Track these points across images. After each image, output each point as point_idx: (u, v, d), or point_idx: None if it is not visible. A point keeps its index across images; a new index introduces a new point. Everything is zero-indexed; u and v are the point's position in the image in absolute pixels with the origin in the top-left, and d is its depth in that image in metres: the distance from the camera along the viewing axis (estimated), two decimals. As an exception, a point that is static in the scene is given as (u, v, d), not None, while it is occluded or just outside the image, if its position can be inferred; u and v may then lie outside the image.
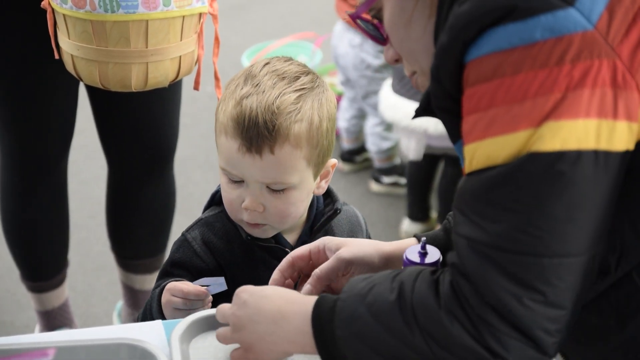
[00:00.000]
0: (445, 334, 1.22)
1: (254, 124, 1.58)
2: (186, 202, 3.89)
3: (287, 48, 4.51)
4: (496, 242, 1.19)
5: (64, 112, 2.52)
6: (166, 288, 1.63)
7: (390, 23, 1.36)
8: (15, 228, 2.71)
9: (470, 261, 1.21)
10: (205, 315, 1.56)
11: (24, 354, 1.15)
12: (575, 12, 1.17)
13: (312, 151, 1.63)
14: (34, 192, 2.63)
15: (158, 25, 2.08)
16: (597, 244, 1.22)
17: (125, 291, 2.97)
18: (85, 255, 3.55)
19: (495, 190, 1.20)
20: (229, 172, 1.64)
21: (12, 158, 2.58)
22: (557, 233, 1.18)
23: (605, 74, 1.17)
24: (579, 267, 1.20)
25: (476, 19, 1.20)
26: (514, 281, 1.19)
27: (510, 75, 1.19)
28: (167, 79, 2.17)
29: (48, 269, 2.80)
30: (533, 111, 1.18)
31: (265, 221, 1.67)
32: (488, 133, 1.20)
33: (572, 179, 1.17)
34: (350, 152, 4.27)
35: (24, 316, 3.25)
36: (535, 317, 1.19)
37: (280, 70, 1.64)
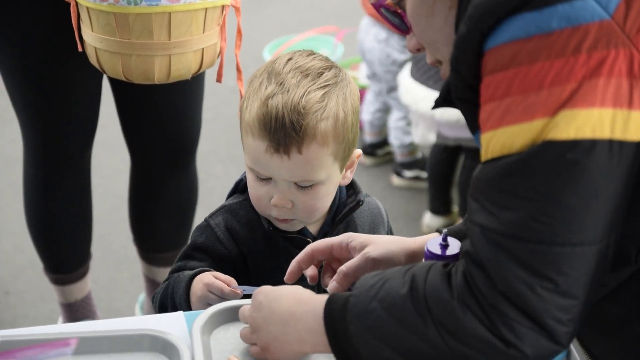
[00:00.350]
0: (458, 325, 1.22)
1: (281, 126, 1.58)
2: (207, 196, 3.90)
3: (309, 42, 4.50)
4: (509, 230, 1.19)
5: (86, 105, 2.53)
6: (203, 282, 1.62)
7: (412, 13, 1.37)
8: (39, 221, 2.73)
9: (483, 249, 1.21)
10: (226, 306, 1.56)
11: (47, 344, 1.15)
12: (592, 2, 1.17)
13: (338, 147, 1.64)
14: (57, 185, 2.65)
15: (181, 18, 2.09)
16: (610, 233, 1.21)
17: (148, 284, 2.98)
18: (108, 249, 3.57)
19: (510, 179, 1.20)
20: (256, 171, 1.65)
21: (35, 152, 2.60)
22: (570, 221, 1.18)
23: (622, 63, 1.17)
24: (591, 257, 1.19)
25: (494, 8, 1.20)
26: (527, 269, 1.19)
27: (526, 64, 1.19)
28: (190, 71, 2.17)
29: (71, 261, 2.82)
30: (549, 100, 1.18)
31: (294, 216, 1.68)
32: (504, 122, 1.21)
33: (586, 167, 1.17)
34: (373, 146, 4.27)
35: (46, 309, 3.27)
36: (548, 305, 1.19)
37: (304, 66, 1.64)
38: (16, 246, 3.61)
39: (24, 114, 2.53)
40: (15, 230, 3.68)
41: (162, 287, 1.72)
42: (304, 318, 1.37)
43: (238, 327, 1.54)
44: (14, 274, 3.46)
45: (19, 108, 2.52)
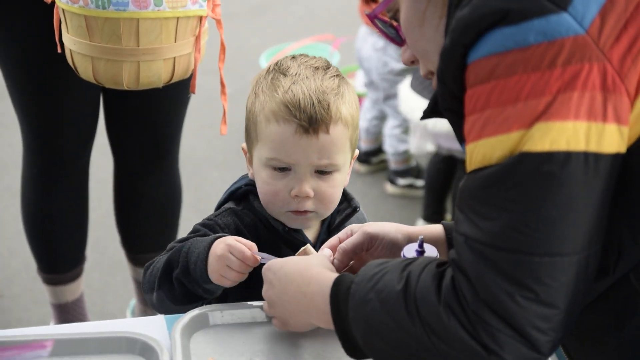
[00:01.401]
0: (443, 327, 1.24)
1: (309, 104, 1.61)
2: (202, 202, 3.92)
3: (306, 50, 4.52)
4: (491, 240, 1.22)
5: (84, 107, 2.56)
6: (226, 242, 1.60)
7: (405, 23, 1.39)
8: (35, 220, 2.75)
9: (467, 258, 1.24)
10: (205, 310, 1.58)
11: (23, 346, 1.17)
12: (567, 17, 1.19)
13: (353, 133, 1.69)
14: (54, 185, 2.67)
15: (149, 25, 2.09)
16: (592, 244, 1.23)
17: (137, 287, 3.01)
18: (101, 253, 3.58)
19: (490, 189, 1.22)
20: (279, 160, 1.65)
21: (32, 152, 2.62)
22: (548, 232, 1.20)
23: (596, 77, 1.19)
24: (571, 267, 1.21)
25: (474, 22, 1.23)
26: (507, 279, 1.21)
27: (504, 77, 1.21)
28: (160, 79, 2.18)
29: (65, 262, 2.84)
30: (525, 113, 1.20)
31: (313, 207, 1.69)
32: (483, 133, 1.23)
33: (561, 179, 1.19)
34: (367, 154, 4.29)
35: (39, 312, 3.28)
36: (528, 315, 1.21)
37: (309, 62, 1.70)
38: (11, 250, 3.62)
39: (24, 114, 2.55)
40: (10, 234, 3.70)
41: (170, 252, 1.69)
42: (314, 299, 1.42)
43: (218, 331, 1.57)
44: (8, 278, 3.48)
45: (19, 108, 2.55)
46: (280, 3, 5.93)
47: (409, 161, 4.13)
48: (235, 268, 1.58)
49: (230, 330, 1.57)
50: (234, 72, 2.15)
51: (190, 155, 4.30)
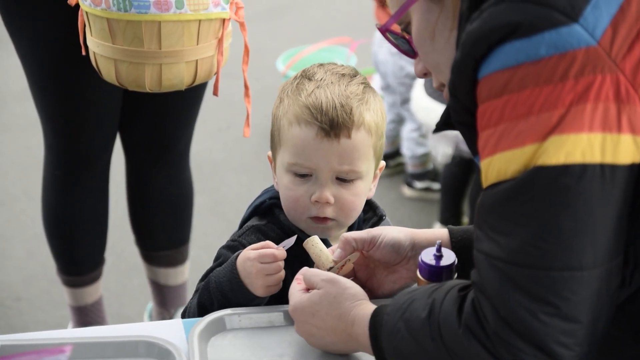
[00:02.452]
0: (465, 350, 1.25)
1: (332, 107, 1.62)
2: (219, 205, 3.93)
3: (322, 53, 4.52)
4: (510, 256, 1.21)
5: (107, 108, 2.57)
6: (250, 259, 1.60)
7: (416, 36, 1.39)
8: (56, 221, 2.76)
9: (487, 277, 1.24)
10: (223, 314, 1.58)
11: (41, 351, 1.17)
12: (579, 28, 1.19)
13: (377, 142, 1.68)
14: (75, 187, 2.69)
15: (171, 28, 2.10)
16: (612, 257, 1.22)
17: (153, 288, 3.02)
18: (119, 256, 3.59)
19: (506, 205, 1.22)
20: (300, 164, 1.66)
21: (54, 152, 2.64)
22: (566, 246, 1.19)
23: (609, 88, 1.19)
24: (592, 281, 1.20)
25: (484, 36, 1.22)
26: (528, 295, 1.20)
27: (517, 91, 1.21)
28: (183, 82, 2.18)
29: (85, 264, 2.85)
30: (538, 126, 1.20)
31: (334, 214, 1.68)
32: (498, 148, 1.23)
33: (577, 192, 1.18)
34: (385, 157, 4.26)
35: (57, 315, 3.29)
36: (551, 331, 1.20)
37: (336, 69, 1.70)
38: (29, 252, 3.64)
39: (47, 115, 2.57)
40: (28, 236, 3.71)
41: (198, 294, 1.68)
42: (359, 340, 1.43)
43: (236, 335, 1.56)
44: (26, 280, 3.49)
45: (41, 109, 2.57)
46: (298, 6, 5.93)
47: (426, 164, 4.12)
48: (274, 272, 1.59)
49: (248, 335, 1.57)
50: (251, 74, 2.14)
51: (208, 157, 4.30)
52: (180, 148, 2.79)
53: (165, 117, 2.68)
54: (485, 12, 1.23)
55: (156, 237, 2.92)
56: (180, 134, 2.74)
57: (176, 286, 3.00)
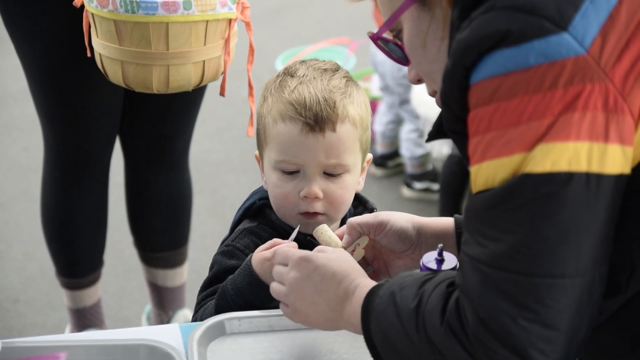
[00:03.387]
0: (446, 347, 1.25)
1: (315, 102, 1.63)
2: (219, 205, 3.91)
3: (322, 53, 4.51)
4: (494, 261, 1.21)
5: (107, 110, 2.57)
6: (265, 258, 1.58)
7: (408, 44, 1.39)
8: (55, 223, 2.75)
9: (470, 279, 1.23)
10: (222, 318, 1.57)
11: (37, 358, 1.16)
12: (568, 37, 1.18)
13: (362, 134, 1.69)
14: (75, 187, 2.68)
15: (179, 29, 2.10)
16: (596, 266, 1.21)
17: (151, 289, 3.01)
18: (117, 258, 3.58)
19: (493, 211, 1.22)
20: (287, 161, 1.67)
21: (54, 154, 2.63)
22: (549, 253, 1.19)
23: (597, 98, 1.18)
24: (574, 289, 1.20)
25: (474, 44, 1.22)
26: (509, 300, 1.20)
27: (506, 99, 1.21)
28: (190, 83, 2.18)
29: (84, 266, 2.84)
30: (527, 135, 1.19)
31: (323, 209, 1.69)
32: (486, 156, 1.23)
33: (563, 200, 1.18)
34: (383, 157, 4.27)
35: (55, 317, 3.28)
36: (529, 336, 1.20)
37: (317, 65, 1.72)
38: (27, 254, 3.63)
39: (46, 117, 2.56)
40: (26, 238, 3.70)
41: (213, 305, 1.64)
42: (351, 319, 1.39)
43: (235, 339, 1.55)
44: (24, 282, 3.48)
45: (42, 110, 2.56)
46: (297, 6, 5.92)
47: (426, 165, 4.12)
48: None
49: (248, 339, 1.56)
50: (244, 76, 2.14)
51: (207, 158, 4.29)
52: (180, 149, 2.78)
53: (165, 118, 2.67)
54: (475, 21, 1.23)
55: (155, 238, 2.91)
56: (180, 134, 2.73)
57: (175, 288, 2.99)
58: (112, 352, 1.48)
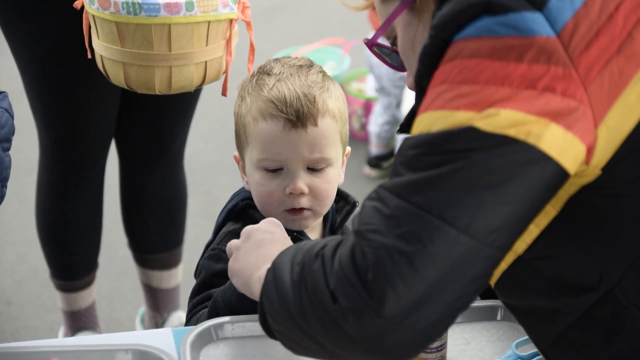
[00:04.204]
0: (310, 276, 1.21)
1: (295, 98, 1.64)
2: (212, 206, 3.90)
3: (316, 53, 4.51)
4: (396, 187, 1.19)
5: (105, 112, 2.56)
6: None
7: (402, 50, 1.41)
8: (50, 225, 2.74)
9: (365, 204, 1.22)
10: (216, 323, 1.56)
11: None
12: (541, 17, 1.20)
13: (342, 127, 1.71)
14: (71, 191, 2.67)
15: (181, 30, 2.09)
16: (492, 238, 1.17)
17: (145, 291, 2.99)
18: (111, 259, 3.56)
19: (418, 149, 1.20)
20: (270, 159, 1.67)
21: (50, 156, 2.62)
22: (452, 199, 1.16)
23: (558, 82, 1.18)
24: (456, 245, 1.15)
25: (454, 16, 1.23)
26: (391, 227, 1.17)
27: (467, 58, 1.21)
28: (192, 83, 2.18)
29: (79, 268, 2.82)
30: (479, 96, 1.19)
31: (309, 204, 1.69)
32: (431, 106, 1.22)
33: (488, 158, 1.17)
34: (378, 158, 4.26)
35: (48, 320, 3.26)
36: (392, 269, 1.15)
37: (292, 62, 1.73)
38: (19, 256, 3.61)
39: (42, 119, 2.55)
40: (19, 240, 3.68)
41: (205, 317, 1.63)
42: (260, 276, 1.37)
43: (228, 344, 1.54)
44: (17, 285, 3.46)
45: (38, 112, 2.55)
46: (291, 6, 5.91)
47: (421, 166, 4.10)
48: None
49: (240, 344, 1.55)
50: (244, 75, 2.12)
51: (201, 159, 4.28)
52: (175, 150, 2.77)
53: (160, 119, 2.66)
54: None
55: (150, 239, 2.90)
56: (175, 135, 2.72)
57: (169, 289, 2.98)
58: (104, 357, 1.46)
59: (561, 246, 1.30)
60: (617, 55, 1.21)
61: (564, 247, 1.30)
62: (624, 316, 1.27)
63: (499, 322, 1.64)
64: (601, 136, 1.21)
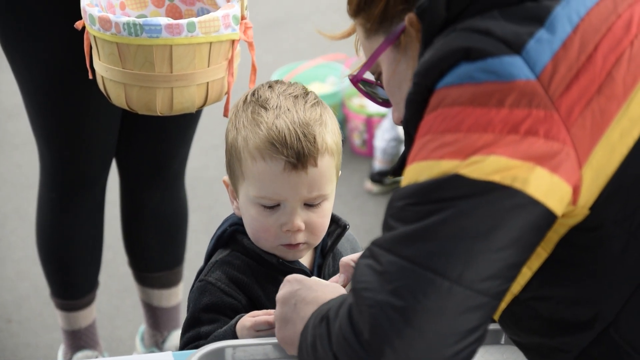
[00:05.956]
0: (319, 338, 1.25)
1: (295, 139, 1.60)
2: (213, 223, 3.86)
3: (318, 69, 4.50)
4: (387, 243, 1.20)
5: (106, 130, 2.55)
6: (246, 328, 1.59)
7: (386, 86, 1.41)
8: (50, 244, 2.73)
9: (359, 262, 1.22)
10: (217, 347, 1.54)
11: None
12: (520, 61, 1.20)
13: (337, 159, 1.68)
14: (71, 209, 2.66)
15: (182, 51, 2.08)
16: (487, 287, 1.17)
17: (145, 310, 2.98)
18: (111, 276, 3.55)
19: (406, 200, 1.21)
20: (268, 198, 1.64)
21: (51, 175, 2.61)
22: (441, 250, 1.16)
23: (540, 125, 1.18)
24: (450, 296, 1.15)
25: (436, 63, 1.24)
26: (384, 282, 1.17)
27: (449, 106, 1.21)
28: (194, 105, 2.17)
29: (79, 287, 2.81)
30: (462, 144, 1.19)
31: (305, 239, 1.68)
32: (417, 157, 1.23)
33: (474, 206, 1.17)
34: (381, 174, 4.24)
35: (49, 337, 3.25)
36: (388, 327, 1.15)
37: (287, 90, 1.68)
38: (19, 273, 3.59)
39: (43, 137, 2.54)
40: (18, 257, 3.67)
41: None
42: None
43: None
44: (17, 302, 3.44)
45: (38, 131, 2.54)
46: (293, 21, 5.90)
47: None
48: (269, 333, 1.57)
49: (243, 368, 1.53)
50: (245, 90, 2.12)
51: (202, 175, 4.26)
52: (176, 168, 2.76)
53: (161, 137, 2.65)
54: (437, 44, 1.25)
55: (150, 258, 2.89)
56: (176, 153, 2.71)
57: (170, 308, 2.97)
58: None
59: (555, 287, 1.30)
60: (597, 95, 1.21)
61: (558, 288, 1.30)
62: (620, 355, 1.27)
63: (502, 346, 1.62)
64: (586, 176, 1.21)
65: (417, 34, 1.33)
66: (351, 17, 1.46)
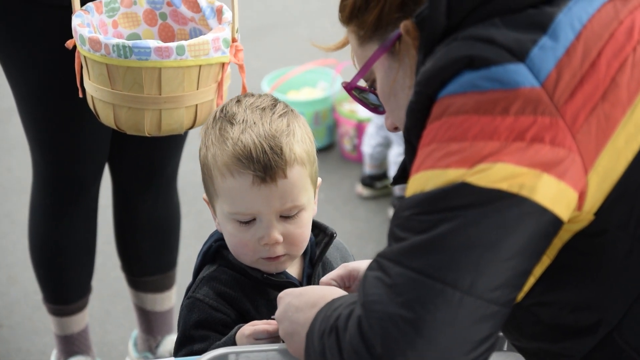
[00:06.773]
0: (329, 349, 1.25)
1: (262, 153, 1.59)
2: (204, 228, 3.87)
3: (308, 74, 4.50)
4: (396, 255, 1.20)
5: (99, 137, 2.55)
6: (245, 335, 1.60)
7: (381, 93, 1.41)
8: (43, 250, 2.73)
9: (367, 274, 1.23)
10: (220, 353, 1.54)
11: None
12: (524, 69, 1.20)
13: (311, 168, 1.67)
14: (64, 215, 2.66)
15: (172, 74, 2.08)
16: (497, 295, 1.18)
17: (138, 314, 2.98)
18: (102, 281, 3.54)
19: (413, 209, 1.21)
20: (242, 213, 1.63)
21: (44, 181, 2.61)
22: (451, 261, 1.17)
23: (546, 132, 1.19)
24: (461, 306, 1.16)
25: (437, 73, 1.24)
26: (394, 294, 1.18)
27: (454, 115, 1.21)
28: (182, 126, 2.18)
29: (72, 293, 2.81)
30: (468, 152, 1.19)
31: (285, 250, 1.67)
32: (422, 166, 1.23)
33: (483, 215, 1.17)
34: (372, 177, 4.25)
35: (40, 343, 3.23)
36: (400, 338, 1.16)
37: (255, 103, 1.67)
38: (10, 278, 3.58)
39: (36, 142, 2.54)
40: (10, 262, 3.65)
41: None
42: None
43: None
44: (8, 307, 3.43)
45: (32, 137, 2.54)
46: (283, 26, 5.90)
47: (414, 187, 4.09)
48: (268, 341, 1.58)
49: (246, 375, 1.53)
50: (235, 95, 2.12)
51: (192, 180, 4.24)
52: (169, 173, 2.76)
53: (154, 142, 2.65)
54: (438, 53, 1.25)
55: (144, 262, 2.89)
56: (169, 159, 2.72)
57: (163, 312, 2.97)
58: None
59: (558, 292, 1.31)
60: (602, 101, 1.22)
61: (561, 293, 1.31)
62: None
63: (505, 353, 1.63)
64: (592, 182, 1.22)
65: (414, 42, 1.33)
66: (343, 24, 1.46)
